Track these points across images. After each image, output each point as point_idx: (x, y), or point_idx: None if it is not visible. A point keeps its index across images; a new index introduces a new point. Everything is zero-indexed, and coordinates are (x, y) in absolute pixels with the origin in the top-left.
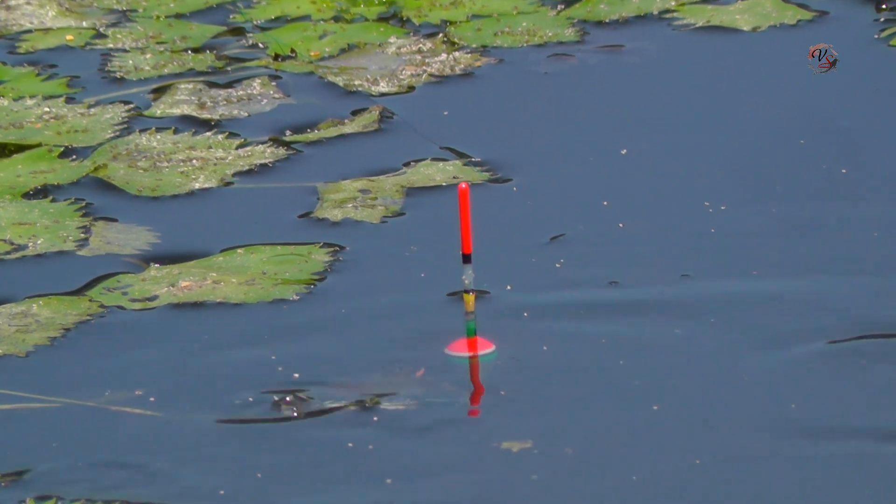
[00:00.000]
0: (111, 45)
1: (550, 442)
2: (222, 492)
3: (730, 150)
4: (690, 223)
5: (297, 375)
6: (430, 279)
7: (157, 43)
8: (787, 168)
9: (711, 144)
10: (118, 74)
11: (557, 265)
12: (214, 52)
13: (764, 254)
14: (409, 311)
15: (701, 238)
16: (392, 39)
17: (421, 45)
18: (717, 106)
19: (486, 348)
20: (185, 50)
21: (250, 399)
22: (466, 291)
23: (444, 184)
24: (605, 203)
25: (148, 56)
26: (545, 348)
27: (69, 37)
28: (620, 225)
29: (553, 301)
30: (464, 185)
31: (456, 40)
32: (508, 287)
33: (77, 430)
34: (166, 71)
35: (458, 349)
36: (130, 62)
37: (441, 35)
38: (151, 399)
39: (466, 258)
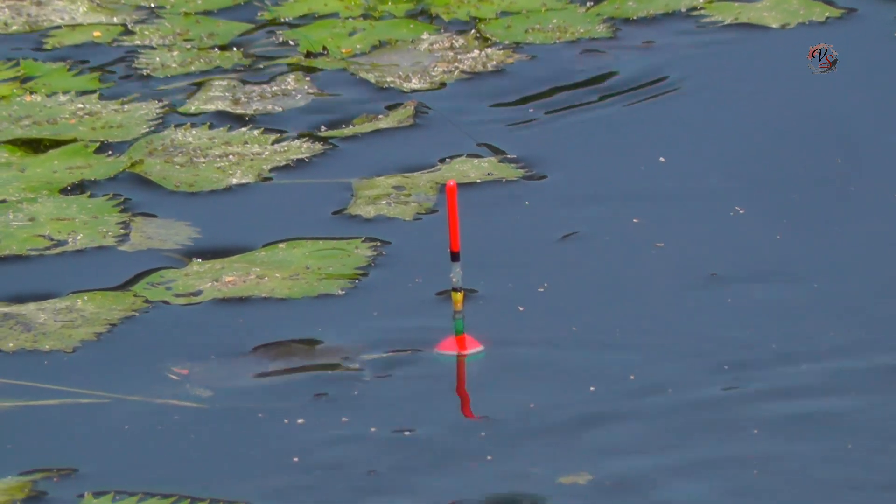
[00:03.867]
0: (138, 42)
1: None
2: (268, 483)
3: (763, 152)
4: (714, 226)
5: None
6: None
7: (185, 40)
8: (818, 173)
9: (746, 145)
10: (145, 72)
11: (568, 266)
12: (242, 49)
13: (787, 259)
14: (428, 308)
15: (723, 242)
16: (424, 36)
17: (453, 42)
18: (751, 104)
19: (474, 347)
20: (212, 47)
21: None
22: (455, 290)
23: (478, 181)
24: (630, 203)
25: (175, 53)
26: (537, 351)
27: (96, 33)
28: (635, 220)
29: (555, 302)
30: (451, 184)
31: (488, 36)
32: (510, 286)
33: (127, 425)
34: (193, 68)
35: (447, 348)
36: (157, 59)
37: (473, 31)
38: (202, 394)
39: (455, 256)
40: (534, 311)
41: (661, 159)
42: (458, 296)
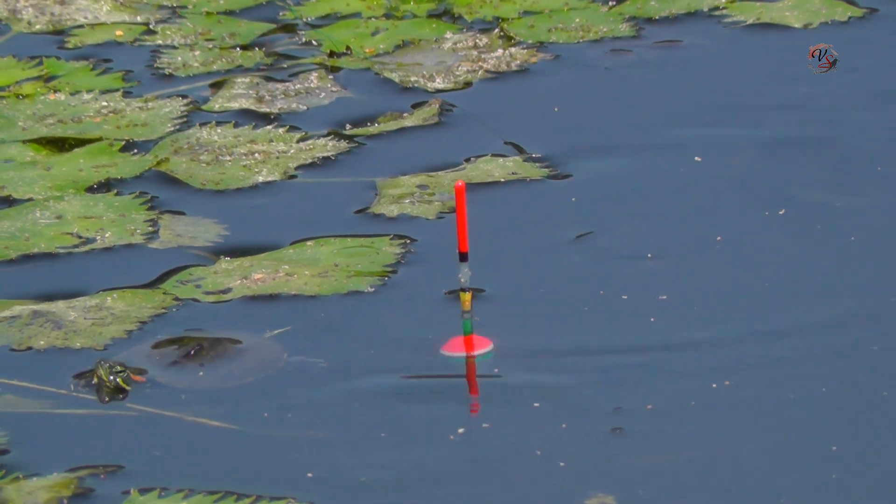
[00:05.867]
0: (160, 42)
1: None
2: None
3: (792, 150)
4: (742, 228)
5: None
6: (476, 278)
7: (206, 40)
8: (854, 174)
9: (773, 141)
10: (167, 71)
11: (587, 265)
12: (264, 48)
13: (815, 270)
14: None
15: (749, 245)
16: (448, 35)
17: (477, 41)
18: (779, 103)
19: (482, 347)
20: (234, 47)
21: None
22: (463, 290)
23: (502, 180)
24: (654, 204)
25: (196, 53)
26: (543, 352)
27: (118, 32)
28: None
29: (566, 302)
30: (460, 184)
31: (512, 35)
32: (525, 285)
33: (172, 422)
34: (215, 68)
35: (455, 349)
36: (179, 59)
37: (497, 30)
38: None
39: (463, 256)
40: (548, 312)
41: (697, 158)
42: (467, 296)
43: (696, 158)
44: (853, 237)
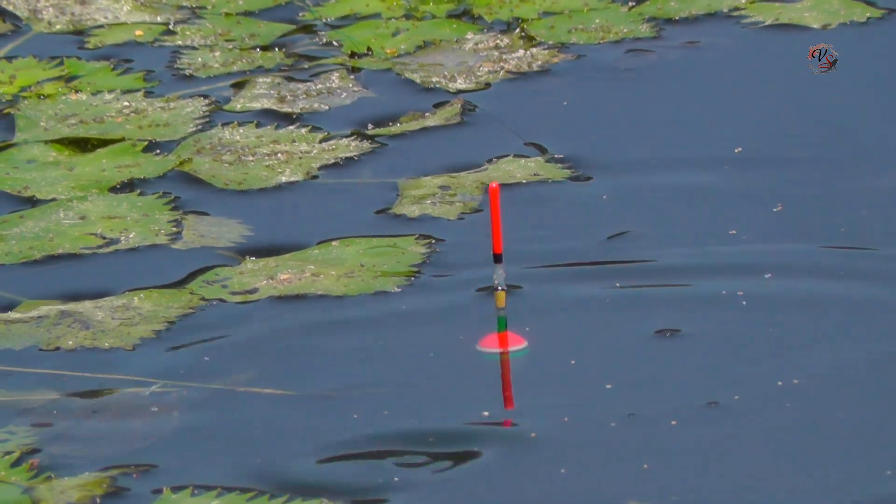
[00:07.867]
0: (179, 42)
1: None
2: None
3: (809, 150)
4: (757, 225)
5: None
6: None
7: (226, 40)
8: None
9: (792, 142)
10: (187, 72)
11: (609, 266)
12: (283, 49)
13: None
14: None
15: (768, 243)
16: (469, 36)
17: (498, 42)
18: (801, 104)
19: (517, 344)
20: (254, 48)
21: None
22: (497, 289)
23: (524, 181)
24: (674, 205)
25: (217, 53)
26: (577, 348)
27: (138, 32)
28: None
29: (595, 299)
30: (494, 185)
31: (533, 35)
32: (556, 286)
33: (206, 420)
34: (235, 68)
35: (489, 345)
36: (199, 59)
37: (518, 31)
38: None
39: (497, 258)
40: (578, 313)
41: (737, 149)
42: (501, 294)
43: (736, 150)
44: None
